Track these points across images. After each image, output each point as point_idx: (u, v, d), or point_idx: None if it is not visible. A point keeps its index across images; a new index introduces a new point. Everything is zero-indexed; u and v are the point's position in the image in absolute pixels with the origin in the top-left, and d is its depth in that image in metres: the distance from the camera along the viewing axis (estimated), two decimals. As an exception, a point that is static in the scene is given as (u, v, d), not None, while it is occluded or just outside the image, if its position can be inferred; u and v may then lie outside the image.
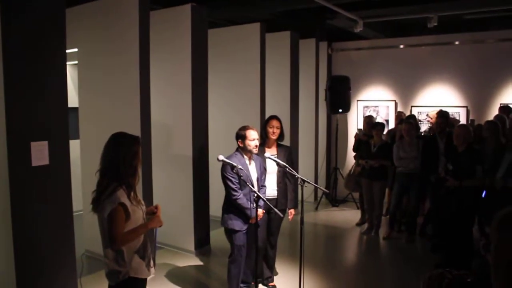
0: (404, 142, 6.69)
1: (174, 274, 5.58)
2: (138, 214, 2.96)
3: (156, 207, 3.16)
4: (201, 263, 5.98)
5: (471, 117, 8.32)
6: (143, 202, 3.10)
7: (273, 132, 4.92)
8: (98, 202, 2.94)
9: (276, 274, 5.34)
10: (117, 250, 2.89)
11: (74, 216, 4.26)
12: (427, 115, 8.64)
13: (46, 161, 3.86)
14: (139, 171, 3.02)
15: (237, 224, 4.43)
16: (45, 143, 3.85)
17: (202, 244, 6.31)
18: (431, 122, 8.24)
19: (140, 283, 3.00)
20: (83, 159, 6.04)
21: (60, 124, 4.03)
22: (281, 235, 5.26)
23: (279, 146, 5.03)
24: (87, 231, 6.05)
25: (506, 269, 1.09)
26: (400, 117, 7.99)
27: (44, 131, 3.86)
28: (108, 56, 5.59)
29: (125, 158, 2.91)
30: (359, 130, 8.31)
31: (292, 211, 5.02)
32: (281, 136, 4.98)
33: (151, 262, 3.09)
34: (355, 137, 8.21)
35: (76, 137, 6.04)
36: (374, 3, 7.87)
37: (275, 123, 4.95)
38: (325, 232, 7.74)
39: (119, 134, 3.04)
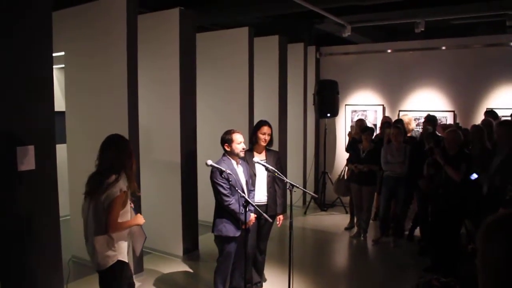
0: (391, 147, 6.73)
1: (162, 280, 5.54)
2: (128, 205, 3.42)
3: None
4: (189, 269, 5.94)
5: (457, 121, 8.38)
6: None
7: (265, 139, 4.87)
8: (97, 189, 3.26)
9: (265, 280, 5.32)
10: (109, 237, 3.27)
11: (61, 221, 4.21)
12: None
13: (32, 166, 3.81)
14: (134, 168, 3.44)
15: (231, 230, 4.39)
16: (31, 147, 3.80)
17: (190, 249, 6.27)
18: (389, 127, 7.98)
19: (126, 265, 3.44)
20: (70, 164, 5.98)
21: (47, 128, 3.99)
22: (270, 240, 5.24)
23: (268, 151, 5.00)
24: (74, 236, 5.98)
25: (493, 277, 1.09)
26: (386, 122, 7.90)
27: (30, 135, 3.82)
28: (96, 60, 5.55)
29: (121, 157, 3.33)
30: (352, 127, 8.32)
31: (280, 216, 5.00)
32: (270, 141, 4.96)
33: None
34: (348, 135, 8.22)
35: (63, 141, 5.97)
36: (362, 8, 7.90)
37: (266, 129, 4.87)
38: (314, 236, 7.74)
39: (118, 135, 3.49)
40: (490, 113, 7.17)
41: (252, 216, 4.46)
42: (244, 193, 4.33)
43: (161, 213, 6.13)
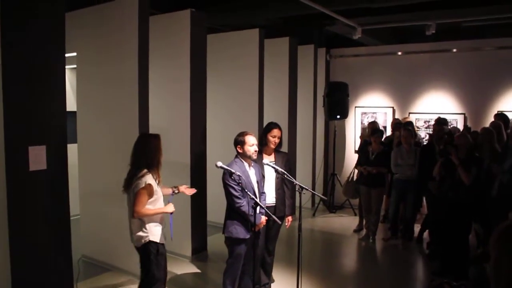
0: (402, 149, 6.71)
1: (170, 280, 5.54)
2: (160, 192, 4.03)
3: (177, 188, 4.41)
4: (198, 269, 5.96)
5: (468, 124, 8.34)
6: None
7: (275, 142, 4.87)
8: (129, 183, 3.92)
9: (273, 281, 5.33)
10: (140, 220, 3.92)
11: (71, 220, 4.25)
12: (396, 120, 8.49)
13: (43, 166, 3.85)
14: (161, 161, 4.03)
15: (241, 232, 4.38)
16: (43, 147, 3.84)
17: (199, 249, 6.29)
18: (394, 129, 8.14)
19: (158, 245, 4.00)
20: (80, 163, 6.02)
21: (58, 129, 4.03)
22: (279, 241, 5.24)
23: (277, 152, 5.00)
24: (84, 236, 6.03)
25: (507, 282, 1.09)
26: (397, 124, 7.92)
27: (42, 135, 3.86)
28: (107, 61, 5.59)
29: (149, 152, 3.95)
30: (363, 129, 8.31)
31: (289, 218, 5.00)
32: (279, 143, 4.97)
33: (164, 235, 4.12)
34: (360, 137, 8.20)
35: (74, 141, 6.03)
36: (373, 10, 7.89)
37: (276, 132, 4.87)
38: (322, 238, 7.72)
39: (143, 134, 4.22)
40: (500, 115, 7.13)
41: (263, 218, 4.46)
42: (256, 195, 4.33)
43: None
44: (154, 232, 3.98)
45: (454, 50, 8.54)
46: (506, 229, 1.13)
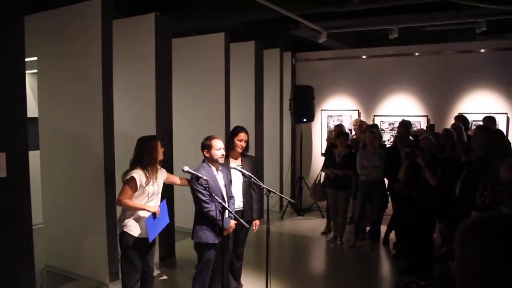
0: (367, 151, 6.80)
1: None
2: (148, 190, 4.18)
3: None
4: (166, 276, 5.88)
5: (432, 123, 8.52)
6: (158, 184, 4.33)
7: (241, 145, 4.85)
8: (122, 177, 4.24)
9: (242, 286, 5.31)
10: (123, 211, 4.27)
11: (34, 229, 4.12)
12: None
13: (3, 174, 3.73)
14: (159, 159, 4.31)
15: (210, 237, 4.35)
16: (3, 154, 3.72)
17: (166, 256, 6.20)
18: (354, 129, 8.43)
19: (135, 239, 4.17)
20: (43, 171, 5.87)
21: (19, 135, 3.90)
22: (247, 245, 5.23)
23: (244, 156, 4.99)
24: (47, 245, 5.87)
25: (471, 278, 1.11)
26: (362, 126, 8.04)
27: (1, 142, 3.73)
28: (69, 65, 5.47)
29: (144, 153, 4.20)
30: (330, 132, 8.39)
31: (257, 221, 4.99)
32: (246, 147, 4.96)
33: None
34: (327, 140, 8.26)
35: (36, 147, 5.87)
36: (337, 14, 7.99)
37: (243, 136, 4.85)
38: (291, 241, 7.75)
39: (140, 138, 4.39)
40: (460, 117, 7.34)
41: (232, 223, 4.44)
42: (224, 200, 4.31)
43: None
44: (129, 224, 4.17)
45: (417, 54, 8.74)
46: (470, 227, 1.15)
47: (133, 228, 4.18)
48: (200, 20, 7.87)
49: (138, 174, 4.12)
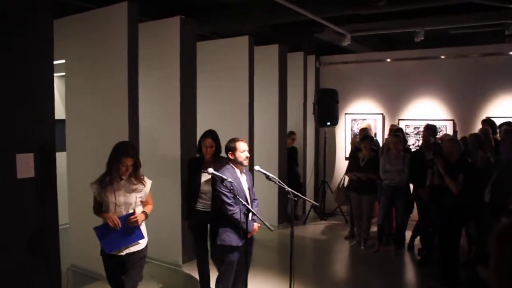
0: (390, 155, 6.72)
1: (161, 289, 5.50)
2: (110, 198, 3.89)
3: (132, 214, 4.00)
4: (190, 278, 5.88)
5: (456, 130, 8.40)
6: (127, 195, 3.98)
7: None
8: None
9: None
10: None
11: (60, 229, 4.19)
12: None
13: (31, 174, 3.79)
14: (119, 165, 3.84)
15: (234, 240, 4.31)
16: (31, 155, 3.78)
17: (191, 256, 6.21)
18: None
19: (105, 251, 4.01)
20: (69, 172, 5.96)
21: (47, 136, 3.97)
22: (270, 249, 5.21)
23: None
24: (73, 245, 5.95)
25: (509, 281, 1.08)
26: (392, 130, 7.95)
27: (30, 143, 3.80)
28: (96, 68, 5.55)
29: (110, 161, 3.91)
30: (354, 136, 8.31)
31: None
32: (218, 151, 5.00)
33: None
34: (351, 143, 8.19)
35: (63, 149, 5.96)
36: (362, 17, 7.94)
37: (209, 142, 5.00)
38: (314, 245, 7.69)
39: (118, 143, 4.04)
40: (487, 121, 7.19)
41: (255, 225, 4.42)
42: (248, 202, 4.30)
43: (160, 221, 6.09)
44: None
45: (442, 56, 8.61)
46: (506, 226, 1.13)
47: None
48: (224, 23, 7.90)
49: (99, 179, 3.92)
